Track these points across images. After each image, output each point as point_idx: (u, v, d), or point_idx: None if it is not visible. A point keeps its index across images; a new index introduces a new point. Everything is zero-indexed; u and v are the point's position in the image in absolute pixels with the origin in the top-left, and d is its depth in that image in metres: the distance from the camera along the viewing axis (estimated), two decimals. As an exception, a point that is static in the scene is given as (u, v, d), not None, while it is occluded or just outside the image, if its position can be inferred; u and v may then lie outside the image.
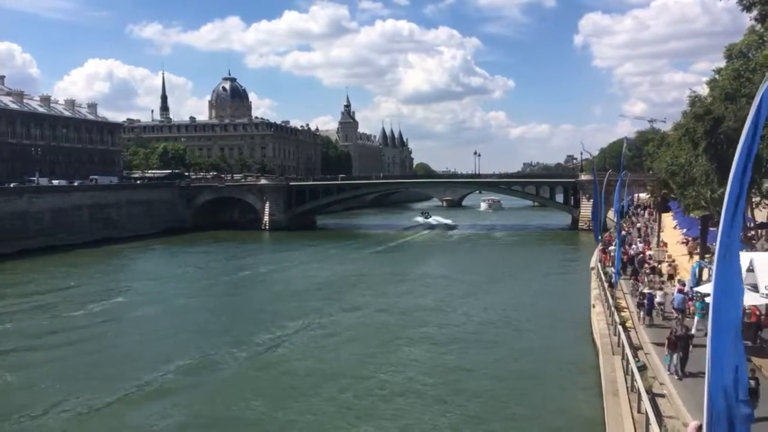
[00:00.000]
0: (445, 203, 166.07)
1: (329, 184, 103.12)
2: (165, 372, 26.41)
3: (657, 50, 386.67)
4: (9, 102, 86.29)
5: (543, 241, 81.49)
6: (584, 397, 22.27)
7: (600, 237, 41.59)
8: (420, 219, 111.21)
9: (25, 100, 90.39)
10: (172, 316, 38.57)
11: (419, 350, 29.70)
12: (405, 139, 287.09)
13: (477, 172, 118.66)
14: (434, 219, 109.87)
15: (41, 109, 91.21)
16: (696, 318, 22.19)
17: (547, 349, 29.30)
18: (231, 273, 55.29)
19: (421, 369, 26.58)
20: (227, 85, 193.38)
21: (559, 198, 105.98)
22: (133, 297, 43.52)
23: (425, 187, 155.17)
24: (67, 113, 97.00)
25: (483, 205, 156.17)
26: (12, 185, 69.51)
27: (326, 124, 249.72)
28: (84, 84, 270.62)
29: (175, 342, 31.82)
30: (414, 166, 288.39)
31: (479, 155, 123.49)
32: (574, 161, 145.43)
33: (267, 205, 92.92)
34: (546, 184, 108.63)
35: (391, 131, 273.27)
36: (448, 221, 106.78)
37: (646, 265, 34.00)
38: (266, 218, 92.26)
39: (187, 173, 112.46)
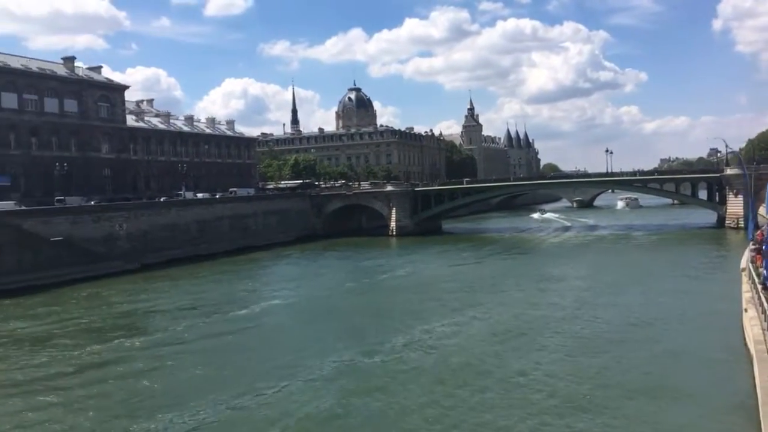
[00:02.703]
0: (575, 204, 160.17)
1: (454, 189, 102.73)
2: (324, 364, 28.12)
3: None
4: (158, 123, 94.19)
5: (686, 241, 76.27)
6: (735, 409, 20.58)
7: (752, 235, 38.23)
8: (536, 216, 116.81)
9: (171, 120, 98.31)
10: (324, 316, 40.95)
11: (558, 351, 29.14)
12: (531, 140, 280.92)
13: (609, 171, 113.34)
14: (549, 215, 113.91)
15: (185, 128, 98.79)
16: None
17: (693, 355, 27.50)
18: (369, 276, 57.09)
19: (559, 371, 26.01)
20: (353, 96, 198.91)
21: (702, 195, 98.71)
22: (284, 299, 46.05)
23: (553, 188, 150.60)
24: (208, 131, 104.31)
25: (620, 204, 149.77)
26: (162, 199, 75.63)
27: (449, 128, 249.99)
28: (221, 102, 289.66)
29: (330, 338, 33.74)
30: (541, 167, 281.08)
31: (611, 153, 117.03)
32: (719, 154, 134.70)
33: (393, 211, 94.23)
34: (687, 181, 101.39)
35: (516, 132, 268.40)
36: (558, 215, 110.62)
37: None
38: (393, 224, 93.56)
39: (317, 182, 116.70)
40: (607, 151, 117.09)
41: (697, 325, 32.52)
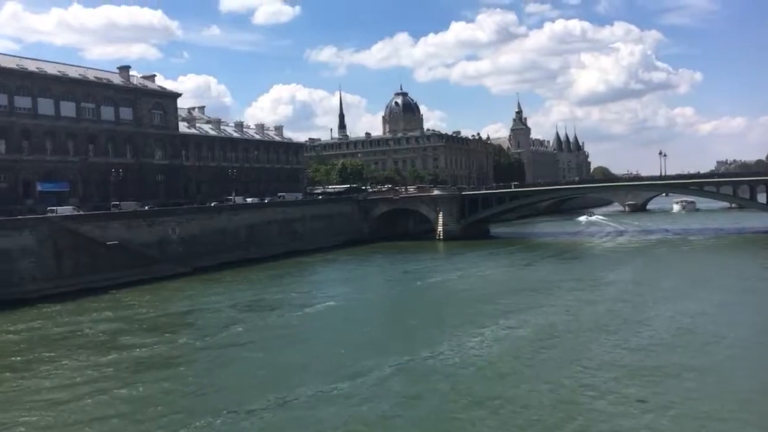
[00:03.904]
0: (627, 208, 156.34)
1: (502, 193, 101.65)
2: (380, 366, 28.47)
3: None
4: (209, 129, 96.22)
5: (746, 246, 73.72)
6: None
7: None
8: (582, 219, 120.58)
9: (221, 127, 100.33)
10: (378, 318, 41.83)
11: (616, 357, 28.75)
12: (581, 143, 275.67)
13: (663, 174, 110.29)
14: (597, 218, 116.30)
15: (235, 134, 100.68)
16: None
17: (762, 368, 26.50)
18: (419, 279, 57.19)
19: (622, 377, 25.64)
20: (399, 100, 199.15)
21: (762, 198, 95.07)
22: (337, 301, 46.83)
23: (604, 191, 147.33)
24: (257, 136, 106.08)
25: (675, 207, 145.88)
26: (212, 204, 77.13)
27: (497, 132, 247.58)
28: (270, 108, 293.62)
29: (386, 340, 34.30)
30: (591, 170, 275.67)
31: (665, 155, 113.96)
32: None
33: (440, 215, 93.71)
34: (744, 183, 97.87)
35: (566, 135, 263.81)
36: (608, 219, 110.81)
37: None
38: (440, 228, 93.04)
39: (363, 187, 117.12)
40: (660, 153, 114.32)
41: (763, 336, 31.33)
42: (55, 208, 59.39)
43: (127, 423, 23.18)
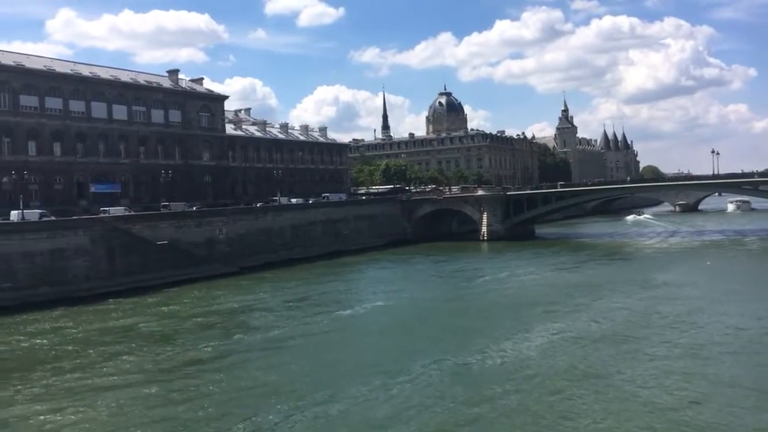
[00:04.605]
0: (677, 208, 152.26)
1: (547, 193, 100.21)
2: (429, 366, 28.63)
3: None
4: (255, 131, 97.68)
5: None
6: None
7: None
8: (630, 218, 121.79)
9: (267, 128, 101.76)
10: (425, 318, 41.53)
11: (668, 360, 28.37)
12: (629, 142, 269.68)
13: (715, 173, 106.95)
14: (646, 217, 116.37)
15: (281, 136, 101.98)
16: None
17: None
18: (465, 280, 57.28)
19: (674, 383, 25.21)
20: (443, 100, 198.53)
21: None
22: (384, 301, 47.29)
23: (653, 191, 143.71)
24: (302, 138, 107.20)
25: (730, 207, 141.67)
26: (258, 205, 78.24)
27: (542, 131, 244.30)
28: (314, 110, 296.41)
29: (433, 341, 34.17)
30: (640, 169, 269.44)
31: (717, 154, 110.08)
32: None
33: (485, 215, 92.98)
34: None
35: (614, 134, 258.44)
36: (657, 219, 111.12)
37: None
38: (484, 229, 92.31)
39: (407, 187, 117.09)
40: (713, 152, 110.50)
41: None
42: (107, 208, 61.15)
43: (186, 415, 23.93)
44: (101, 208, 61.50)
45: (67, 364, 31.60)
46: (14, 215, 54.09)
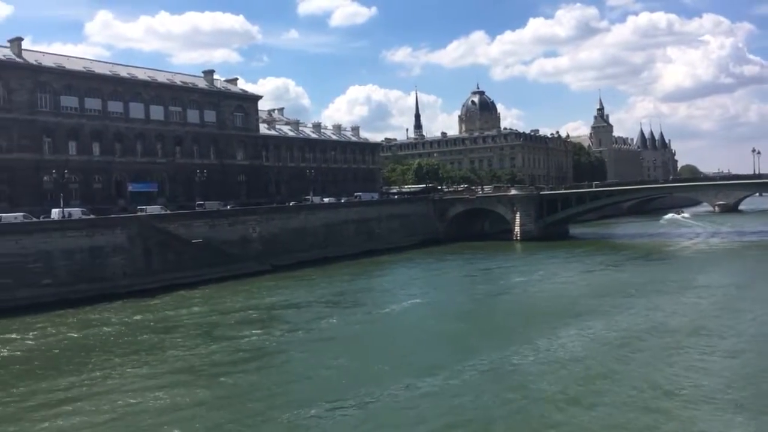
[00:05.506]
0: (717, 208, 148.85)
1: (582, 192, 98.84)
2: (468, 363, 28.73)
3: None
4: (288, 131, 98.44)
5: None
6: None
7: None
8: (667, 217, 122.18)
9: (300, 128, 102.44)
10: (463, 317, 41.64)
11: (710, 362, 28.04)
12: (667, 141, 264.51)
13: (757, 172, 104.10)
14: (683, 217, 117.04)
15: (313, 135, 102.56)
16: None
17: None
18: (500, 279, 57.30)
19: (716, 382, 25.04)
20: (476, 99, 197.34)
21: None
22: (420, 299, 47.58)
23: (691, 191, 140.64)
24: (334, 137, 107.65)
25: None
26: (291, 204, 78.81)
27: (576, 129, 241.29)
28: (346, 109, 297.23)
29: (472, 338, 34.43)
30: (678, 169, 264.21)
31: (758, 153, 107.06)
32: None
33: (518, 215, 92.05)
34: None
35: (651, 132, 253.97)
36: (694, 219, 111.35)
37: None
38: (517, 228, 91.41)
39: (439, 187, 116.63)
40: (753, 150, 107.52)
41: None
42: (144, 207, 62.17)
43: (233, 407, 24.48)
44: (138, 207, 62.56)
45: (117, 357, 32.56)
46: (55, 213, 55.44)
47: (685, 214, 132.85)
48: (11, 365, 31.66)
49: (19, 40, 65.79)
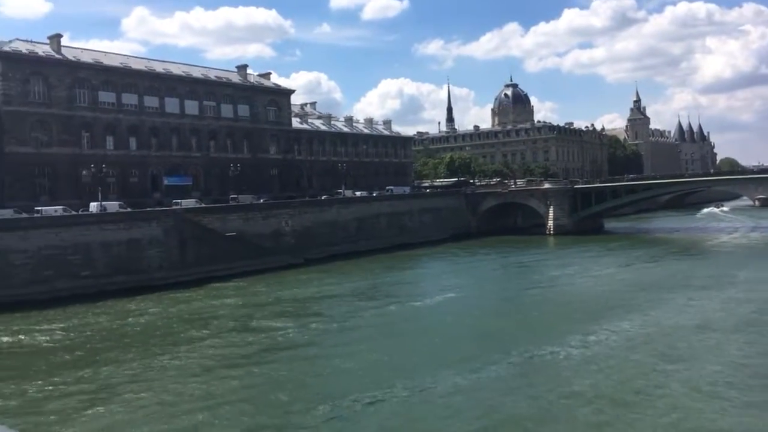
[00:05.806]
0: (757, 202, 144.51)
1: (617, 186, 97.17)
2: (504, 358, 28.60)
3: None
4: (320, 125, 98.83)
5: None
6: None
7: None
8: (705, 211, 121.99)
9: (332, 122, 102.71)
10: (499, 311, 41.51)
11: (753, 356, 27.54)
12: (705, 133, 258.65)
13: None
14: (719, 210, 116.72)
15: (345, 129, 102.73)
16: None
17: None
18: (535, 274, 56.85)
19: (756, 382, 24.44)
20: (509, 92, 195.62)
21: None
22: (456, 293, 47.44)
23: (730, 184, 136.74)
24: (366, 131, 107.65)
25: None
26: (323, 197, 79.16)
27: (612, 122, 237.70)
28: (378, 103, 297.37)
29: (509, 333, 34.29)
30: (717, 162, 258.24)
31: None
32: None
33: (551, 209, 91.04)
34: None
35: (689, 125, 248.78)
36: (734, 214, 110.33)
37: None
38: (550, 223, 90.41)
39: (472, 180, 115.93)
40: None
41: None
42: (179, 200, 63.10)
43: (270, 397, 24.93)
44: (173, 201, 63.49)
45: (155, 347, 33.28)
46: (93, 207, 56.64)
47: (725, 208, 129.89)
48: (54, 354, 32.46)
49: (58, 36, 67.21)
